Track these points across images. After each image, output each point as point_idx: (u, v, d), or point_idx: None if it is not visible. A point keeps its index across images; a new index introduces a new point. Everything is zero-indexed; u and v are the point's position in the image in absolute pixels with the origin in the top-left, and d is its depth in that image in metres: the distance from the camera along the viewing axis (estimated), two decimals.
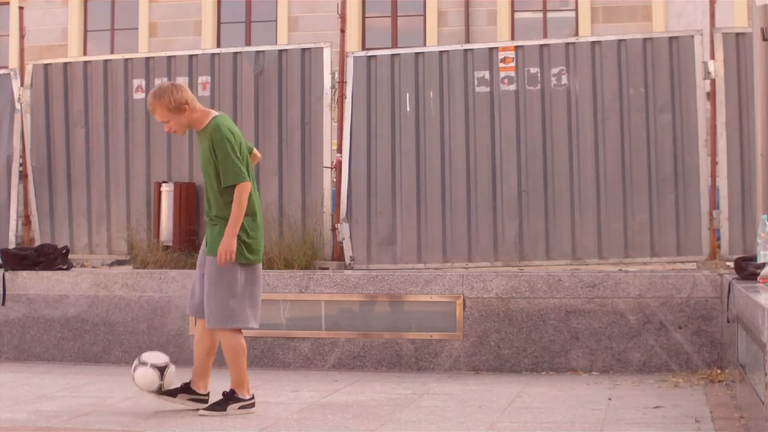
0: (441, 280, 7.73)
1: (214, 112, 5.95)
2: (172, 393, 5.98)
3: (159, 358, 6.00)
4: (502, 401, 6.23)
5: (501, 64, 8.55)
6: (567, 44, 8.56)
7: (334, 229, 8.72)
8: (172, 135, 9.10)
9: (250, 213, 5.87)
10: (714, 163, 8.18)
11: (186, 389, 6.00)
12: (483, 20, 19.36)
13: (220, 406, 5.85)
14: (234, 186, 5.75)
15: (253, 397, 5.96)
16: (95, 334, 8.24)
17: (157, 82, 9.20)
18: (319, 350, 7.82)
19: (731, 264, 7.26)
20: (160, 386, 5.94)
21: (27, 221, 9.56)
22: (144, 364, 5.94)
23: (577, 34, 18.43)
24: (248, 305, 5.86)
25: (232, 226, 5.75)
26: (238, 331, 5.87)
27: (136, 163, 9.31)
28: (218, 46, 19.78)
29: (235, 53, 9.17)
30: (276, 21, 20.14)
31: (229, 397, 5.88)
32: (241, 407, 5.87)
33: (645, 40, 8.42)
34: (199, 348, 5.98)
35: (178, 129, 5.91)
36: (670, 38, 8.39)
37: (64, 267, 8.58)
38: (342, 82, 8.79)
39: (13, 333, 8.41)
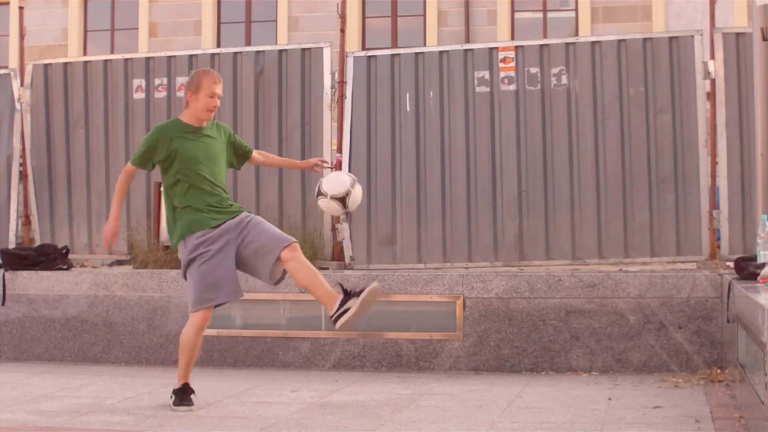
0: (441, 280, 7.73)
1: None
2: (342, 313, 5.68)
3: (340, 186, 5.86)
4: (502, 401, 6.23)
5: (501, 64, 8.55)
6: (567, 44, 8.56)
7: (334, 229, 8.71)
8: None
9: None
10: (714, 163, 8.18)
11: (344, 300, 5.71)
12: (483, 20, 19.34)
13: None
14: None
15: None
16: (95, 334, 8.24)
17: (157, 81, 9.21)
18: (319, 350, 7.82)
19: (731, 264, 7.25)
20: (346, 213, 5.93)
21: (27, 221, 9.56)
22: (324, 195, 5.84)
23: (577, 34, 18.41)
24: None
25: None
26: None
27: None
28: (218, 46, 19.75)
29: (235, 53, 9.17)
30: (276, 21, 20.11)
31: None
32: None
33: (645, 40, 8.42)
34: (306, 277, 5.75)
35: None
36: (670, 38, 8.39)
37: (64, 267, 8.58)
38: (342, 82, 8.79)
39: (13, 333, 8.41)
